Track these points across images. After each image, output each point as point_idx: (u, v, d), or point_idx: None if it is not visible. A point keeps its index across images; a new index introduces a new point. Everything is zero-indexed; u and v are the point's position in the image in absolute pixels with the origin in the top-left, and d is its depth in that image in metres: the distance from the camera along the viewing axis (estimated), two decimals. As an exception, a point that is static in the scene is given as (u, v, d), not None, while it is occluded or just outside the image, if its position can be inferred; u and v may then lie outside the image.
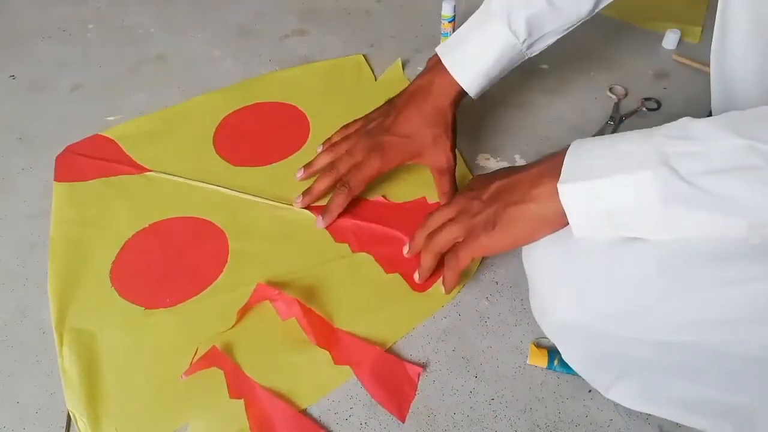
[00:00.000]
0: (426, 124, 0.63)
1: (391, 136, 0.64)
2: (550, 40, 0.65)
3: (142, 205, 0.69)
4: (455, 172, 0.65)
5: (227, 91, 0.85)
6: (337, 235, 0.65)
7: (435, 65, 0.65)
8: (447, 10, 0.86)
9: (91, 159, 0.75)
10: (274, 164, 0.74)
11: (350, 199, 0.64)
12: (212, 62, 0.92)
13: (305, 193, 0.66)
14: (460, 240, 0.53)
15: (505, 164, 0.73)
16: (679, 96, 0.82)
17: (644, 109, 0.80)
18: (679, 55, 0.88)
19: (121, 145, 0.76)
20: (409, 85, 0.67)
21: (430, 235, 0.56)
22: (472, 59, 0.63)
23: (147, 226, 0.67)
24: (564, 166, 0.44)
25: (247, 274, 0.61)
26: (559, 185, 0.44)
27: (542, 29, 0.62)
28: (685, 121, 0.41)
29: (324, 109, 0.81)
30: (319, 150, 0.71)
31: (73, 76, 0.90)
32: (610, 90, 0.83)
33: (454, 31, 0.88)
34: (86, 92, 0.87)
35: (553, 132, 0.78)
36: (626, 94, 0.82)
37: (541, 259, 0.48)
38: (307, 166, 0.69)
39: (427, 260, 0.57)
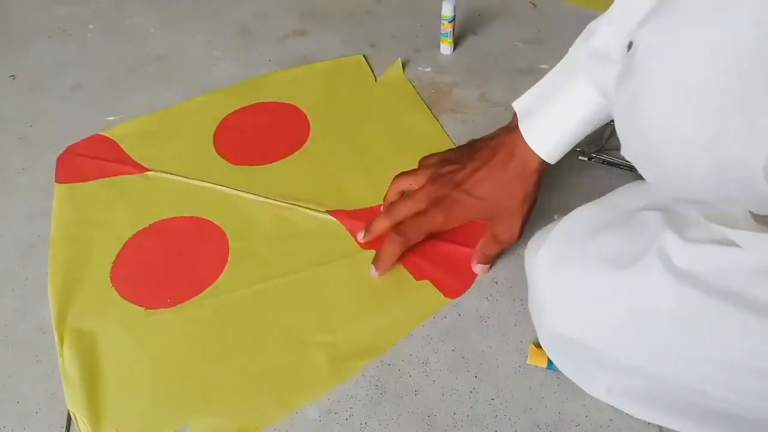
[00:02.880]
0: (503, 191, 0.56)
1: (462, 193, 0.57)
2: None
3: (143, 204, 0.69)
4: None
5: (227, 91, 0.85)
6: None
7: (516, 126, 0.57)
8: (447, 10, 0.86)
9: (92, 159, 0.75)
10: (274, 163, 0.74)
11: (404, 250, 0.60)
12: (212, 62, 0.92)
13: (367, 230, 0.62)
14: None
15: (505, 164, 0.73)
16: (679, 96, 0.82)
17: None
18: (679, 55, 0.88)
19: (121, 145, 0.77)
20: (494, 135, 0.59)
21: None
22: (554, 127, 0.54)
23: (147, 225, 0.67)
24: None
25: (248, 273, 0.62)
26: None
27: None
28: None
29: (324, 108, 0.81)
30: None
31: (73, 76, 0.90)
32: (610, 90, 0.83)
33: (454, 31, 0.88)
34: (86, 92, 0.87)
35: (553, 132, 0.77)
36: (626, 94, 0.82)
37: (542, 268, 0.48)
38: (368, 228, 0.62)
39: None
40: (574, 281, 0.46)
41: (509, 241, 0.58)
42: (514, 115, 0.57)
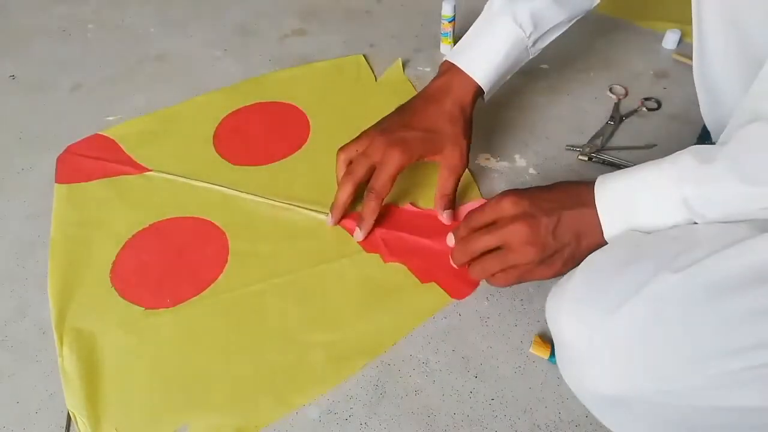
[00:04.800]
0: (447, 121, 0.62)
1: (411, 130, 0.61)
2: (554, 35, 0.68)
3: (143, 205, 0.69)
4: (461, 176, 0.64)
5: (227, 91, 0.85)
6: (368, 246, 0.64)
7: (448, 69, 0.65)
8: (447, 10, 0.86)
9: (92, 159, 0.75)
10: (274, 163, 0.74)
11: (381, 203, 0.61)
12: (212, 62, 0.92)
13: (332, 208, 0.64)
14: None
15: (505, 164, 0.73)
16: (679, 96, 0.82)
17: (644, 108, 0.80)
18: (679, 55, 0.88)
19: (121, 145, 0.77)
20: (423, 89, 0.66)
21: (480, 260, 0.53)
22: (483, 55, 0.64)
23: (147, 225, 0.67)
24: (600, 216, 0.49)
25: (247, 274, 0.62)
26: (605, 237, 0.49)
27: (546, 23, 0.65)
28: (696, 165, 0.44)
29: (324, 108, 0.81)
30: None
31: (73, 76, 0.90)
32: (610, 90, 0.83)
33: (454, 31, 0.88)
34: (86, 92, 0.87)
35: (553, 132, 0.78)
36: (626, 94, 0.82)
37: (573, 321, 0.44)
38: (334, 204, 0.64)
39: (478, 277, 0.55)
40: (606, 326, 0.41)
41: (462, 167, 0.64)
42: (440, 65, 0.66)
